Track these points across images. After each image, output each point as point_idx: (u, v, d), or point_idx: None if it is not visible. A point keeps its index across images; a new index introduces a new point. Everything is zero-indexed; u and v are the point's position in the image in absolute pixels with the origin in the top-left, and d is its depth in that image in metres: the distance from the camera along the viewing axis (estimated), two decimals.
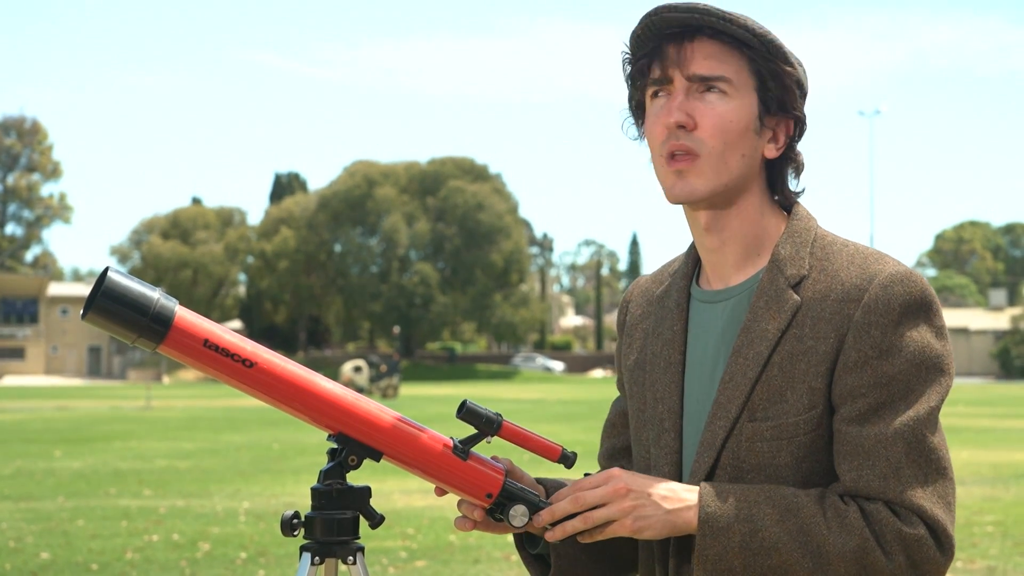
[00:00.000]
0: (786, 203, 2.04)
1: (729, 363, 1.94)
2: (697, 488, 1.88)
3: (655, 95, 1.98)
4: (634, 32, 1.98)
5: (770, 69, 1.95)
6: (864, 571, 1.83)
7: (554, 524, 1.91)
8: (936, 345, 1.89)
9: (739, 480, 1.92)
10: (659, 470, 2.00)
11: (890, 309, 1.87)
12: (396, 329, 77.58)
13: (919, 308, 1.89)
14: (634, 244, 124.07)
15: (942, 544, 1.85)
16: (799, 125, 2.00)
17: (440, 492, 1.97)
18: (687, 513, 1.86)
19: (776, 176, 2.02)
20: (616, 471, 1.89)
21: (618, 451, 2.21)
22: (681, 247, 2.23)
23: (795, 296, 1.93)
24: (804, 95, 2.00)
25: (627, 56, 2.02)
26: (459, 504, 1.97)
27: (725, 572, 1.85)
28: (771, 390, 1.91)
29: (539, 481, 2.06)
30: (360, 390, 40.78)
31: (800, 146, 2.01)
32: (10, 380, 74.77)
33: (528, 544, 2.10)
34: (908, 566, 1.83)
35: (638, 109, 2.05)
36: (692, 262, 2.10)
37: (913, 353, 1.87)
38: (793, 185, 2.03)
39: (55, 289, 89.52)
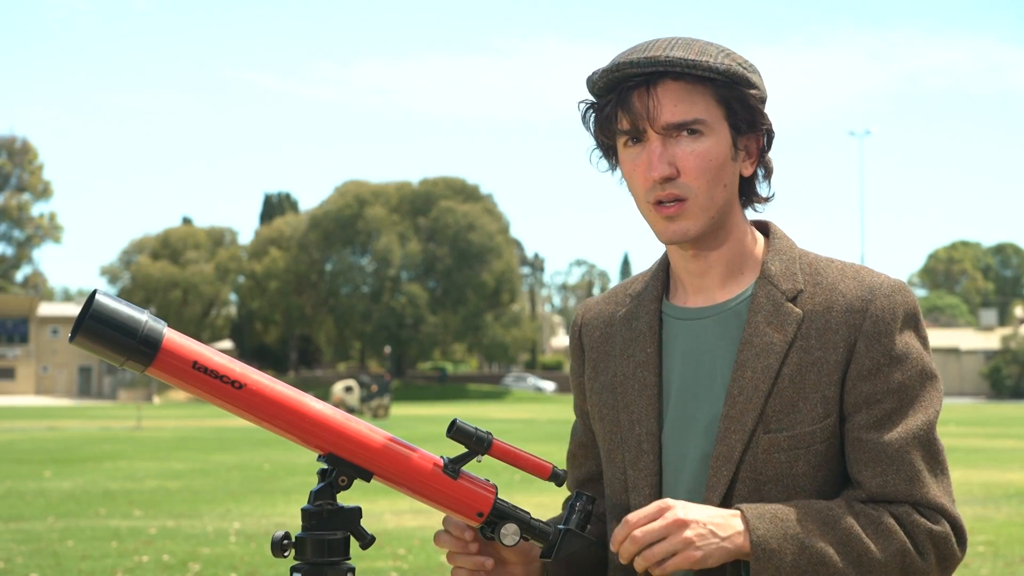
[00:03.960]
0: (758, 204, 2.05)
1: (735, 376, 1.96)
2: (737, 512, 1.89)
3: (628, 143, 1.98)
4: (594, 81, 1.97)
5: (736, 95, 1.94)
6: (903, 573, 1.89)
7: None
8: (927, 353, 1.97)
9: (758, 492, 1.94)
10: (639, 491, 2.01)
11: (895, 317, 1.95)
12: (387, 349, 77.46)
13: (915, 317, 1.97)
14: (625, 264, 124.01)
15: (961, 538, 1.94)
16: (768, 134, 2.02)
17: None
18: (739, 538, 1.86)
19: (748, 186, 2.04)
20: (668, 502, 1.87)
21: (583, 482, 2.22)
22: None
23: (796, 309, 1.97)
24: (765, 101, 2.00)
25: (588, 103, 2.01)
26: (444, 523, 1.97)
27: None
28: (783, 401, 1.94)
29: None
30: (351, 410, 40.75)
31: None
32: (0, 400, 74.47)
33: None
34: (937, 562, 1.91)
35: (608, 150, 2.04)
36: (661, 282, 2.11)
37: (916, 360, 1.95)
38: (764, 191, 2.05)
39: (45, 309, 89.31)
